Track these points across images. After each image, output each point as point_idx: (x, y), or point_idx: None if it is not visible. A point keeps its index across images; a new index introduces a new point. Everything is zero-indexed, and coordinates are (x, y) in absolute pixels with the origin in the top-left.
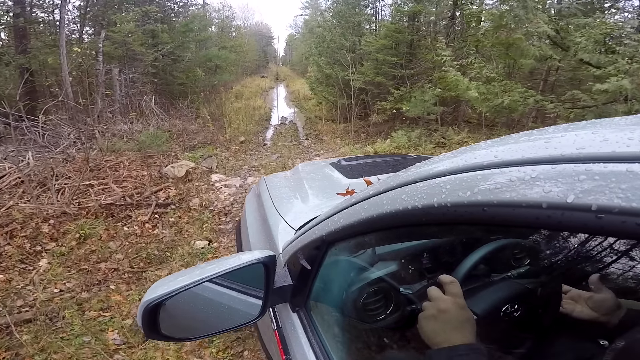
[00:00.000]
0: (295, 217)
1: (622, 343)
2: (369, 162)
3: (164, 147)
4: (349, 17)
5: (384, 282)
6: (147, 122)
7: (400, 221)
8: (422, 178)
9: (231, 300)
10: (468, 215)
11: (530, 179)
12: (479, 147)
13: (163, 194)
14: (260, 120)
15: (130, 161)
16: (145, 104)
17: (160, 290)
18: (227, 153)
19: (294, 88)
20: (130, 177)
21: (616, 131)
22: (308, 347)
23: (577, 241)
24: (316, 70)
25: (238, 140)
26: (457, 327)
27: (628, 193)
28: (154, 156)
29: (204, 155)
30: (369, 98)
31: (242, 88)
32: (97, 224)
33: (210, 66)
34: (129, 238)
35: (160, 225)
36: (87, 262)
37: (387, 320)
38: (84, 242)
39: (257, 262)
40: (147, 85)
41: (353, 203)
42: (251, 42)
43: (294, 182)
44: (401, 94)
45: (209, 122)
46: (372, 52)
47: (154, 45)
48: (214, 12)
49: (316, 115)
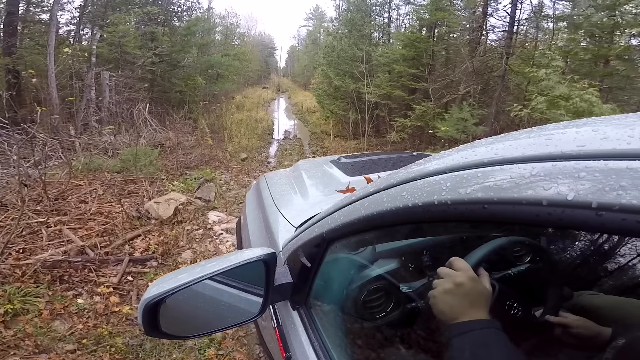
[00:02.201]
0: (296, 214)
1: (623, 340)
2: (369, 160)
3: (151, 168)
4: (361, 26)
5: (384, 280)
6: (138, 133)
7: (401, 219)
8: (423, 175)
9: (231, 297)
10: (468, 213)
11: (531, 176)
12: (479, 144)
13: (141, 243)
14: (263, 134)
15: (106, 188)
16: (137, 112)
17: (161, 287)
18: (227, 175)
19: (296, 100)
20: (100, 214)
21: (616, 128)
22: (308, 345)
23: (577, 238)
24: (324, 82)
25: (239, 158)
26: (473, 300)
27: (628, 190)
28: (137, 181)
29: (200, 179)
30: (385, 113)
31: (244, 98)
32: (38, 291)
33: (211, 74)
34: (85, 316)
35: (135, 294)
36: (16, 354)
37: (387, 317)
38: (14, 319)
39: (258, 259)
40: (141, 91)
41: (353, 200)
42: (254, 52)
43: (294, 180)
44: (424, 110)
45: (207, 136)
46: (389, 63)
47: (153, 49)
48: (218, 19)
49: (322, 130)
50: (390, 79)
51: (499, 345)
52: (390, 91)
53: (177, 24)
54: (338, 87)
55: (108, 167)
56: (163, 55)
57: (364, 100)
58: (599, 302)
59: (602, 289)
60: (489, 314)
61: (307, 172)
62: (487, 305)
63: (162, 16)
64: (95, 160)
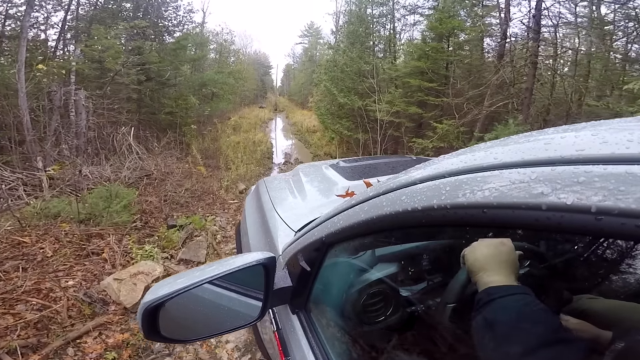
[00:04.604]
0: (295, 219)
1: (622, 344)
2: (368, 164)
3: (124, 215)
4: (364, 38)
5: (383, 284)
6: (121, 162)
7: (400, 223)
8: (422, 180)
9: (231, 301)
10: (468, 217)
11: (530, 180)
12: (478, 148)
13: (94, 344)
14: (262, 158)
15: (58, 247)
16: (121, 137)
17: (160, 291)
18: (223, 217)
19: (294, 119)
20: (38, 292)
21: (615, 133)
22: (308, 349)
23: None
24: (326, 100)
25: (237, 189)
26: (510, 264)
27: (627, 195)
28: (104, 234)
29: (188, 229)
30: (401, 133)
31: (240, 119)
32: None
33: (206, 93)
34: None
35: None
36: None
37: (387, 321)
38: None
39: (257, 263)
40: (126, 113)
41: (353, 205)
42: (250, 70)
43: (293, 184)
44: (447, 129)
45: (200, 165)
46: (400, 76)
47: (139, 65)
48: (212, 36)
49: (326, 152)
50: (403, 94)
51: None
52: (404, 108)
53: (168, 39)
54: (342, 105)
55: (70, 213)
56: (151, 73)
57: (372, 118)
58: (598, 306)
59: (601, 293)
60: None
61: (306, 176)
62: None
63: (150, 30)
64: (56, 204)
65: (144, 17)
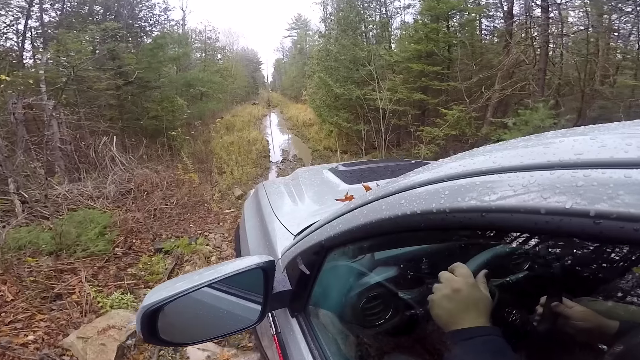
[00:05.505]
0: (294, 222)
1: (621, 347)
2: (367, 168)
3: (101, 244)
4: (357, 24)
5: (383, 287)
6: (104, 175)
7: (399, 226)
8: (421, 184)
9: (230, 305)
10: (467, 221)
11: (529, 184)
12: (477, 152)
13: None
14: (258, 158)
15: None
16: (102, 149)
17: (159, 295)
18: (217, 232)
19: (289, 114)
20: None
21: (614, 137)
22: (307, 352)
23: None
24: (320, 91)
25: (233, 195)
26: (472, 307)
27: (626, 199)
28: (76, 269)
29: (176, 254)
30: (407, 122)
31: (233, 118)
32: None
33: (194, 93)
34: None
35: None
36: None
37: (386, 325)
38: None
39: (256, 267)
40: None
41: (352, 208)
42: (239, 67)
43: (292, 188)
44: (458, 115)
45: (191, 172)
46: (400, 61)
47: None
48: (195, 34)
49: (325, 146)
50: (404, 81)
51: (501, 353)
52: (408, 95)
53: (146, 39)
54: (339, 96)
55: (39, 244)
56: (129, 76)
57: (373, 107)
58: (598, 308)
59: (600, 296)
60: (489, 320)
61: (305, 180)
62: (487, 312)
63: (124, 31)
64: (24, 233)
65: (117, 19)
